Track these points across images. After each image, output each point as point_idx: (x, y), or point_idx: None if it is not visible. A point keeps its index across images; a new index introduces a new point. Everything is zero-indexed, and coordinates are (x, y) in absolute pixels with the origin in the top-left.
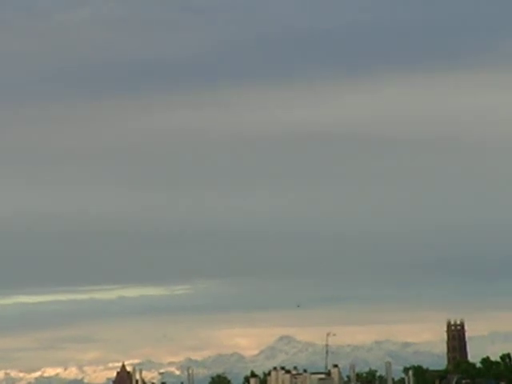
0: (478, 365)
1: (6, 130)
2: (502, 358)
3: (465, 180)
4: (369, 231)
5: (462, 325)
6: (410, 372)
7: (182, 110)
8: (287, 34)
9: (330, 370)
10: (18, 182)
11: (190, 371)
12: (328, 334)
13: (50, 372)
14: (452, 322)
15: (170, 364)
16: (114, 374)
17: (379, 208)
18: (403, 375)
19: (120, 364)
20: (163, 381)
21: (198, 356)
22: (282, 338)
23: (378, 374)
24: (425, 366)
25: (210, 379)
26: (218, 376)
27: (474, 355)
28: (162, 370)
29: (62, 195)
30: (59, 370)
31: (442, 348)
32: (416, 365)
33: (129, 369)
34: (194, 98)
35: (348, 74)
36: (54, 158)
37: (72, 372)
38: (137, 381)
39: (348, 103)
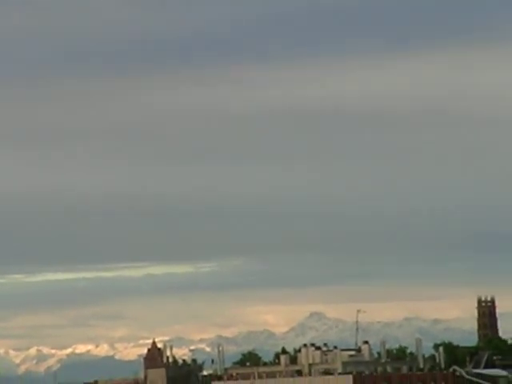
0: (510, 341)
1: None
2: None
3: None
4: (400, 208)
5: (492, 301)
6: (441, 348)
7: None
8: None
9: (360, 347)
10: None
11: (221, 348)
12: (358, 311)
13: (81, 349)
14: (483, 299)
15: (201, 341)
16: (145, 351)
17: (409, 185)
18: (433, 352)
19: (150, 341)
20: (194, 357)
21: (228, 333)
22: (312, 315)
23: (408, 350)
24: (455, 343)
25: (240, 356)
26: (249, 353)
27: (505, 331)
28: (192, 347)
29: (89, 175)
30: (90, 347)
31: (472, 324)
32: (446, 341)
33: (159, 346)
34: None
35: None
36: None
37: (103, 349)
38: (167, 357)
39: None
